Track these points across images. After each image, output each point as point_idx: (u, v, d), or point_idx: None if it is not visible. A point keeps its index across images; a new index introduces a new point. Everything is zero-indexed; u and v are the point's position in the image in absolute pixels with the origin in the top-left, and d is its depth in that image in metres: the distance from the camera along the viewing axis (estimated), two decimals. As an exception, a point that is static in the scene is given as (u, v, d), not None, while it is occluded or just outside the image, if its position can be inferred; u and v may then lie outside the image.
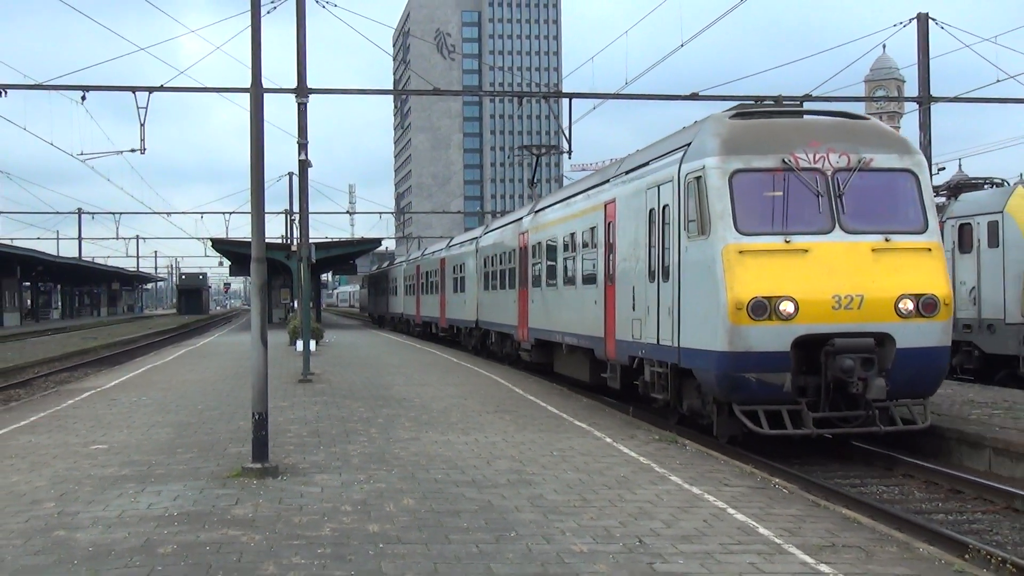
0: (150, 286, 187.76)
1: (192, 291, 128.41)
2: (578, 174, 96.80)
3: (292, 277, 43.44)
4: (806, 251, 13.87)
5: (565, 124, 31.02)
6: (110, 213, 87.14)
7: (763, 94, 17.98)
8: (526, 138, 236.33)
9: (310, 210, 27.12)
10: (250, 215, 12.74)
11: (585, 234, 21.25)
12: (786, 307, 13.51)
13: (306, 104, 25.27)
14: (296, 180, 30.44)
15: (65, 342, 51.54)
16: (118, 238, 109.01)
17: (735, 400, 13.92)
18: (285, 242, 59.28)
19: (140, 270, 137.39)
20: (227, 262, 73.67)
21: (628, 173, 18.75)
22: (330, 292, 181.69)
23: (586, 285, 21.02)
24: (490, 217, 73.52)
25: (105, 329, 72.38)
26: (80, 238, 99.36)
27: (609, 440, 14.34)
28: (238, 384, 21.86)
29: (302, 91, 25.15)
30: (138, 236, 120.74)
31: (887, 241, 14.11)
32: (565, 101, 31.33)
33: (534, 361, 26.98)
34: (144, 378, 25.59)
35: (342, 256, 61.87)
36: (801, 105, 17.30)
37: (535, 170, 37.53)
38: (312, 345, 27.06)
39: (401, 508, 9.87)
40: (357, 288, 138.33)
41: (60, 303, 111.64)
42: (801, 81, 38.11)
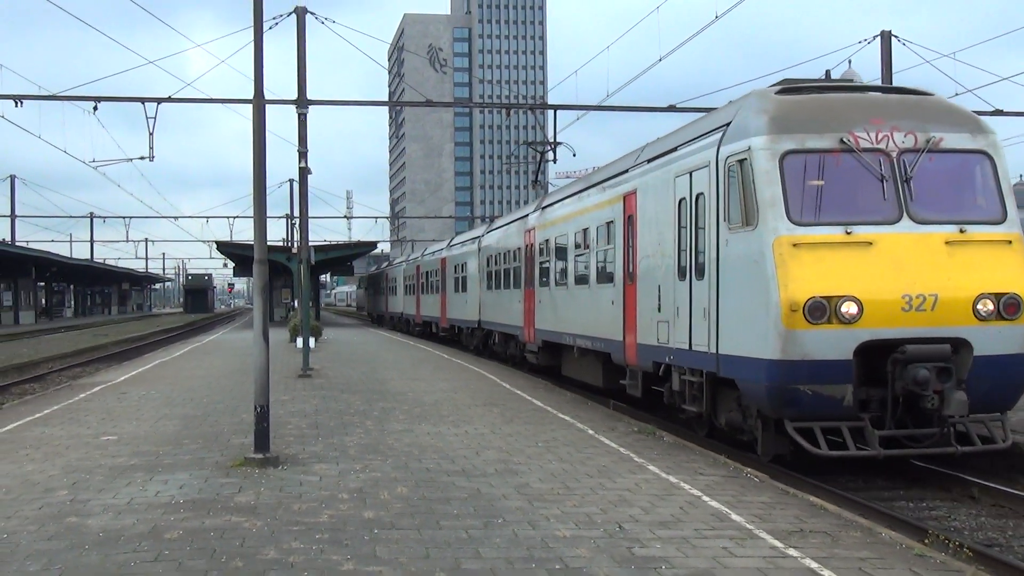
0: (158, 286, 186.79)
1: (198, 291, 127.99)
2: (563, 181, 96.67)
3: (292, 278, 43.33)
4: (870, 244, 11.57)
5: (551, 134, 31.06)
6: (120, 217, 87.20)
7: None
8: (514, 147, 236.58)
9: (310, 214, 27.12)
10: (253, 219, 12.71)
11: (600, 229, 18.78)
12: (848, 308, 11.25)
13: (306, 115, 25.26)
14: (296, 186, 30.46)
15: (77, 339, 51.35)
16: (128, 241, 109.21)
17: (787, 416, 11.61)
18: (286, 245, 59.17)
19: (149, 271, 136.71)
20: (231, 264, 73.41)
21: (651, 161, 16.11)
22: (328, 292, 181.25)
23: (601, 284, 18.63)
24: (479, 221, 73.41)
25: (115, 327, 72.13)
26: (92, 241, 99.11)
27: (591, 432, 14.34)
28: (241, 379, 21.80)
29: (302, 102, 25.14)
30: (147, 239, 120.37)
31: (962, 232, 11.81)
32: (551, 112, 31.35)
33: (541, 364, 24.53)
34: (152, 373, 25.51)
35: (340, 258, 61.67)
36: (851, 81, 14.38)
37: (539, 168, 34.11)
38: (311, 342, 27.02)
39: (395, 496, 9.86)
40: (354, 288, 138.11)
41: (73, 302, 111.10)
42: (772, 94, 38.02)
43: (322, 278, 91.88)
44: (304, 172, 25.79)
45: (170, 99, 28.96)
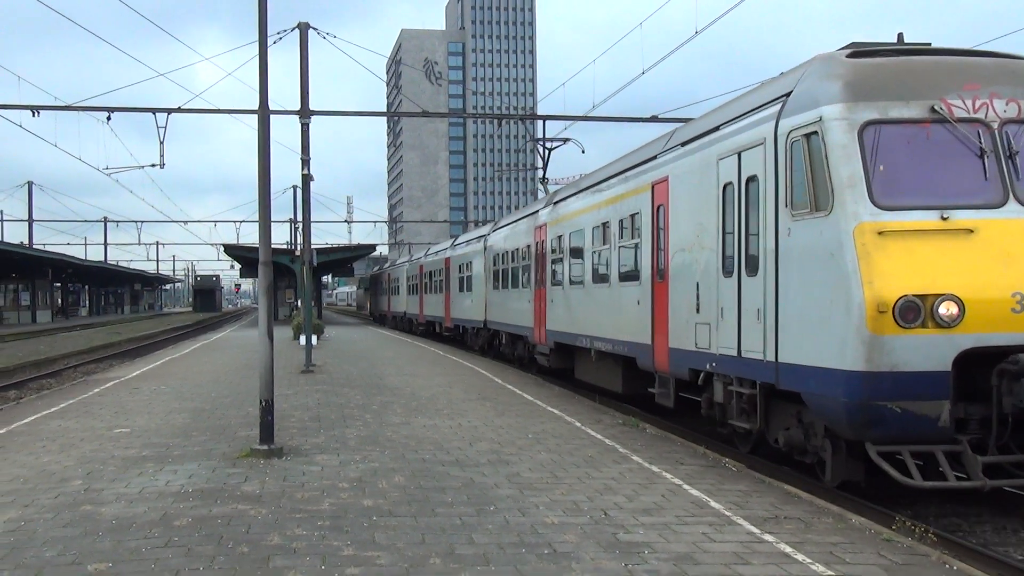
0: (168, 287, 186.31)
1: (206, 291, 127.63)
2: (552, 187, 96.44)
3: (296, 279, 43.24)
4: (971, 231, 9.25)
5: (540, 143, 31.05)
6: (133, 221, 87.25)
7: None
8: (505, 156, 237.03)
9: (312, 219, 27.09)
10: (258, 223, 12.69)
11: (623, 223, 16.40)
12: (947, 309, 8.94)
13: (308, 124, 25.22)
14: (299, 192, 30.40)
15: (92, 337, 51.16)
16: (140, 244, 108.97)
17: (869, 438, 9.26)
18: (290, 247, 59.14)
19: (159, 272, 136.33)
20: (238, 265, 73.25)
21: (686, 144, 13.65)
22: (330, 292, 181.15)
23: (625, 283, 16.22)
24: (473, 225, 73.30)
25: (128, 325, 71.90)
26: (106, 244, 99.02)
27: (578, 424, 14.34)
28: (247, 374, 21.76)
29: (305, 113, 25.11)
30: (158, 242, 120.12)
31: None
32: (540, 122, 31.38)
33: (552, 367, 22.16)
34: (163, 369, 25.44)
35: (341, 260, 61.55)
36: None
37: (546, 164, 31.07)
38: (314, 340, 26.97)
39: (393, 485, 9.85)
40: (354, 288, 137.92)
41: (87, 302, 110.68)
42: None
43: (324, 279, 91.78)
44: (307, 179, 25.76)
45: (180, 109, 28.89)
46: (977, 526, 9.73)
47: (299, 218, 37.88)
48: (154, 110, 28.28)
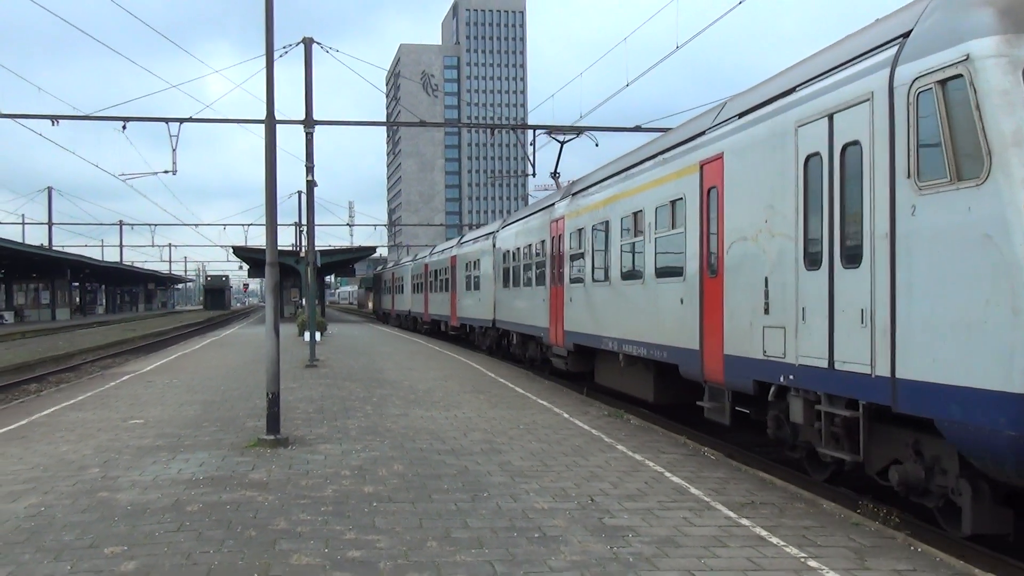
0: (180, 286, 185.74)
1: (216, 290, 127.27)
2: (543, 193, 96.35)
3: (300, 279, 43.15)
4: None
5: (530, 151, 31.04)
6: (147, 224, 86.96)
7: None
8: (498, 163, 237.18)
9: (316, 222, 27.10)
10: (265, 226, 12.66)
11: (660, 211, 13.62)
12: None
13: (312, 133, 25.22)
14: (304, 197, 30.30)
15: (108, 333, 51.00)
16: (153, 245, 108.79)
17: None
18: (295, 249, 58.94)
19: (172, 273, 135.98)
20: (246, 266, 73.05)
21: (745, 115, 11.00)
22: (332, 292, 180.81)
23: (664, 279, 13.53)
24: (467, 228, 73.20)
25: (142, 322, 71.69)
26: (121, 246, 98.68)
27: (566, 415, 14.33)
28: (254, 369, 21.70)
29: (309, 122, 25.08)
30: (170, 244, 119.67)
31: None
32: (530, 132, 31.36)
33: (571, 370, 19.43)
34: (175, 364, 25.36)
35: (343, 261, 61.40)
36: None
37: (558, 158, 27.86)
38: (317, 336, 26.92)
39: (392, 473, 9.83)
40: (355, 288, 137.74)
41: (104, 300, 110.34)
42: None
43: (327, 279, 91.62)
44: (311, 185, 25.73)
45: (191, 119, 28.79)
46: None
47: (303, 221, 37.83)
48: (167, 120, 28.20)
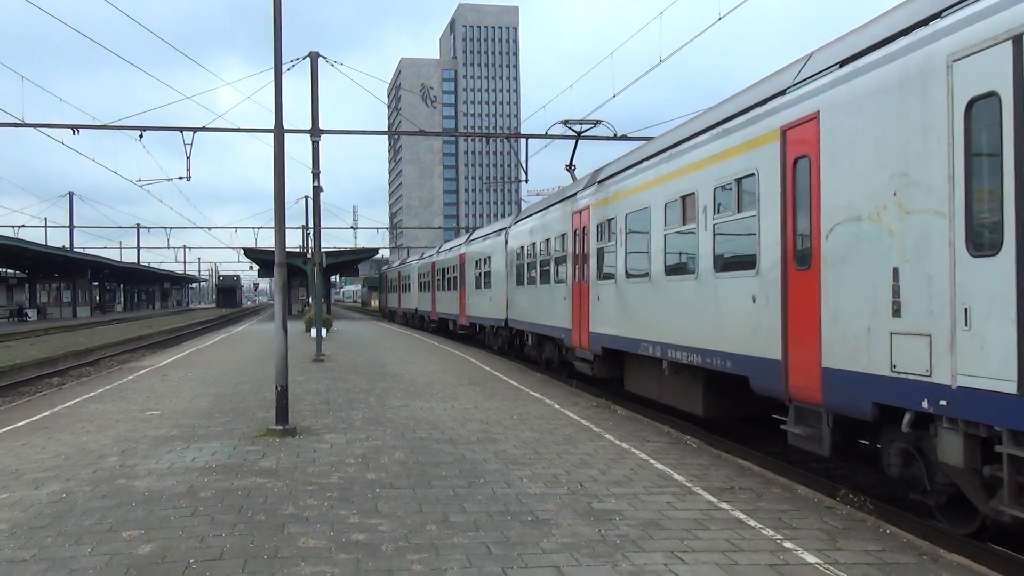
0: (194, 286, 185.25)
1: (228, 289, 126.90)
2: (534, 198, 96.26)
3: (308, 278, 43.07)
4: None
5: (523, 159, 31.03)
6: (162, 227, 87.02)
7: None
8: (493, 170, 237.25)
9: (322, 225, 26.99)
10: (274, 229, 12.64)
11: (722, 192, 10.78)
12: None
13: (319, 142, 25.18)
14: (310, 202, 30.29)
15: (126, 330, 50.85)
16: (169, 247, 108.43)
17: None
18: (302, 251, 58.80)
19: (186, 273, 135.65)
20: (256, 266, 72.91)
21: (852, 60, 8.12)
22: (337, 290, 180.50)
23: (727, 273, 10.65)
24: (464, 231, 73.10)
25: (158, 320, 71.51)
26: (138, 247, 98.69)
27: (557, 406, 14.32)
28: (264, 363, 21.66)
29: (315, 132, 25.05)
30: (185, 246, 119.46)
31: None
32: (523, 140, 31.35)
33: (597, 375, 16.63)
34: (189, 358, 25.29)
35: (347, 262, 61.32)
36: None
37: (574, 150, 24.25)
38: (324, 332, 26.88)
39: (393, 460, 9.82)
40: (359, 287, 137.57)
41: (122, 299, 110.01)
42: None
43: (332, 278, 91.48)
44: (317, 190, 25.71)
45: (204, 128, 28.74)
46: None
47: (310, 224, 37.80)
48: (181, 129, 28.13)
